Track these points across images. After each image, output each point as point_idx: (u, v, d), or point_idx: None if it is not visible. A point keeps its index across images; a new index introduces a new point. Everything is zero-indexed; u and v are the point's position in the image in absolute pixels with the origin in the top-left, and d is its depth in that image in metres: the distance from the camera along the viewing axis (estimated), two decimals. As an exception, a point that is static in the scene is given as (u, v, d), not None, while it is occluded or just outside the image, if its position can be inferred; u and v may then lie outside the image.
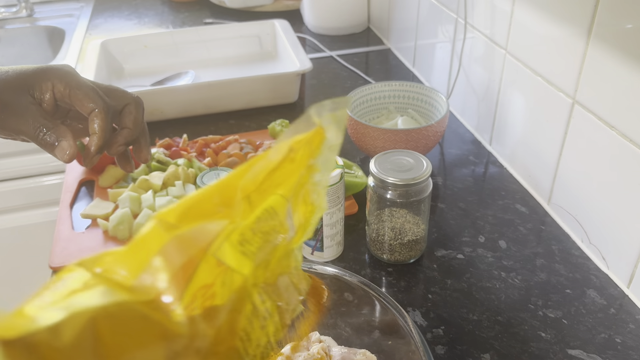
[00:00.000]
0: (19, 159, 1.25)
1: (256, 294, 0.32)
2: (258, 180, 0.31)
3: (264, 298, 0.33)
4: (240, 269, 0.30)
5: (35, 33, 1.52)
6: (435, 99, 0.89)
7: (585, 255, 0.70)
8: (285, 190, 0.32)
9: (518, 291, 0.65)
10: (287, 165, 0.32)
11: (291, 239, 0.34)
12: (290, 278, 0.36)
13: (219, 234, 0.29)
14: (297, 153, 0.32)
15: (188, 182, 0.82)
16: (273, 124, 0.96)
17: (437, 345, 0.59)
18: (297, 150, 0.32)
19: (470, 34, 0.93)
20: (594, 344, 0.59)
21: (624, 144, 0.61)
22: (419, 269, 0.69)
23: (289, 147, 0.32)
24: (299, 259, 0.37)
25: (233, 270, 0.30)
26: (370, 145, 0.82)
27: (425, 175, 0.64)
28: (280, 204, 0.32)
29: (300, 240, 0.35)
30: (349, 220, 0.77)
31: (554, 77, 0.73)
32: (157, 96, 0.99)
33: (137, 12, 1.58)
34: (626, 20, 0.59)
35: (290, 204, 0.33)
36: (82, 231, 0.76)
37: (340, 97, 0.36)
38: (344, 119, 0.34)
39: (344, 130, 0.35)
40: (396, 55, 1.29)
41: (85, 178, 0.87)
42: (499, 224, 0.76)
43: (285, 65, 1.14)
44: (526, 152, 0.82)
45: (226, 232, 0.29)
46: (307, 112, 0.32)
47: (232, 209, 0.30)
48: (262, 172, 0.31)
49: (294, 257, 0.36)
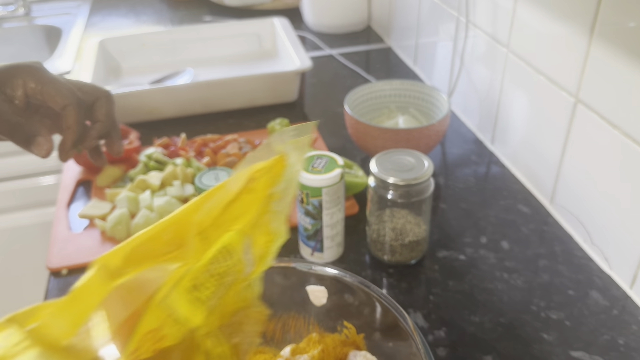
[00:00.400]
0: (15, 159, 1.24)
1: (209, 341, 0.31)
2: (214, 214, 0.30)
3: (219, 341, 0.32)
4: (192, 318, 0.29)
5: (32, 32, 1.51)
6: (437, 98, 0.88)
7: (588, 256, 0.70)
8: (244, 224, 0.31)
9: (520, 292, 0.65)
10: (246, 196, 0.31)
11: (250, 273, 0.33)
12: (248, 312, 0.35)
13: (167, 282, 0.27)
14: (258, 182, 0.31)
15: (186, 182, 0.81)
16: (272, 123, 0.95)
17: (439, 347, 0.59)
18: (258, 179, 0.31)
19: (471, 32, 0.92)
20: (597, 346, 0.58)
21: (627, 144, 0.61)
22: (420, 270, 0.68)
23: (248, 176, 0.31)
24: (256, 290, 0.35)
25: (184, 322, 0.28)
26: (370, 145, 0.81)
27: (427, 175, 0.63)
28: (237, 241, 0.31)
29: (259, 270, 0.34)
30: (350, 220, 0.76)
31: (556, 76, 0.72)
32: (155, 95, 0.99)
33: (135, 10, 1.57)
34: (629, 18, 0.58)
35: (249, 237, 0.32)
36: (79, 232, 0.75)
37: (304, 123, 0.36)
38: (307, 145, 0.33)
39: (306, 158, 0.34)
40: (397, 54, 1.29)
41: (83, 178, 0.86)
42: (501, 225, 0.75)
43: (285, 63, 1.14)
44: (528, 151, 0.81)
45: (175, 278, 0.28)
46: (268, 140, 0.31)
47: (185, 249, 0.29)
48: (219, 205, 0.30)
49: (252, 288, 0.35)
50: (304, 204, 0.65)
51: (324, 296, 0.50)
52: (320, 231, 0.66)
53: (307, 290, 0.50)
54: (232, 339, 0.33)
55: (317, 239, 0.67)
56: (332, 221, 0.66)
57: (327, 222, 0.66)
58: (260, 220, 0.32)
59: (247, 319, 0.34)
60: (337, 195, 0.65)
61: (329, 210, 0.65)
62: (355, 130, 0.82)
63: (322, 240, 0.67)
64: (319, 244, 0.68)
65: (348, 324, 0.49)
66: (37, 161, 1.25)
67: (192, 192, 0.79)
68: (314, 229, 0.66)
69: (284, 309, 0.52)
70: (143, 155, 0.86)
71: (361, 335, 0.48)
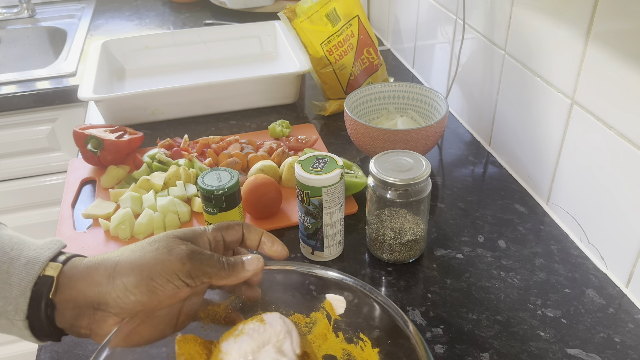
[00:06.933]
0: (20, 159, 1.25)
1: None
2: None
3: None
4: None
5: (36, 34, 1.53)
6: (435, 100, 0.89)
7: (584, 255, 0.70)
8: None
9: (517, 291, 0.66)
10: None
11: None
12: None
13: None
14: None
15: (189, 182, 0.82)
16: (273, 124, 0.96)
17: (437, 345, 0.59)
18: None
19: (469, 34, 0.93)
20: (593, 344, 0.59)
21: (623, 144, 0.62)
22: (419, 269, 0.69)
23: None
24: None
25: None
26: (370, 146, 0.82)
27: (425, 175, 0.64)
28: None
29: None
30: (349, 220, 0.77)
31: (553, 78, 0.73)
32: (158, 97, 1.00)
33: (138, 13, 1.58)
34: (625, 20, 0.59)
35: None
36: (83, 231, 0.76)
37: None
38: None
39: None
40: (396, 56, 1.29)
41: (87, 178, 0.87)
42: (498, 224, 0.76)
43: (286, 66, 1.15)
44: (525, 152, 0.82)
45: None
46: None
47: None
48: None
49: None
50: (305, 203, 0.66)
51: (342, 306, 0.50)
52: (320, 230, 0.67)
53: (327, 298, 0.50)
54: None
55: (317, 238, 0.68)
56: (331, 220, 0.67)
57: (327, 221, 0.67)
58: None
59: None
60: (337, 195, 0.66)
61: (329, 209, 0.66)
62: (355, 131, 0.83)
63: (322, 239, 0.68)
64: (319, 242, 0.69)
65: (364, 337, 0.49)
66: (41, 161, 1.26)
67: (195, 192, 0.80)
68: (314, 228, 0.67)
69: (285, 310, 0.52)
70: (146, 156, 0.87)
71: (376, 350, 0.48)
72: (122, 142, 0.87)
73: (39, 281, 0.43)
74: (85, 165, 0.89)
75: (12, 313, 0.42)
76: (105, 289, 0.42)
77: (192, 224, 0.77)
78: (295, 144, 0.92)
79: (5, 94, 1.15)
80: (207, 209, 0.67)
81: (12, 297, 0.42)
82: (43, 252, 0.44)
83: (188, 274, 0.43)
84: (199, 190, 0.66)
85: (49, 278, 0.43)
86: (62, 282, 0.43)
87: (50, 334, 0.44)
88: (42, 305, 0.42)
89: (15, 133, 1.21)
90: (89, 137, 0.86)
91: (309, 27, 0.97)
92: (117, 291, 0.42)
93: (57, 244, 0.46)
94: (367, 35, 1.04)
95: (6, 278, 0.42)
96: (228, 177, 0.66)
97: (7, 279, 0.42)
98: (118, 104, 0.98)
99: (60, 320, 0.44)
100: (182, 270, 0.43)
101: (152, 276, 0.42)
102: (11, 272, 0.42)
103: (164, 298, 0.43)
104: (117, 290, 0.42)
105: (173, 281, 0.43)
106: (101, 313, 0.43)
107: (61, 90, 1.17)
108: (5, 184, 1.27)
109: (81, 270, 0.44)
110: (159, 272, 0.43)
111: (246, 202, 0.75)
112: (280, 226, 0.76)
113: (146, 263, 0.43)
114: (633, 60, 0.58)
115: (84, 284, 0.43)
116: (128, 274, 0.43)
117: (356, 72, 1.02)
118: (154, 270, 0.43)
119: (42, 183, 1.29)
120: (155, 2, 1.67)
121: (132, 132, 0.92)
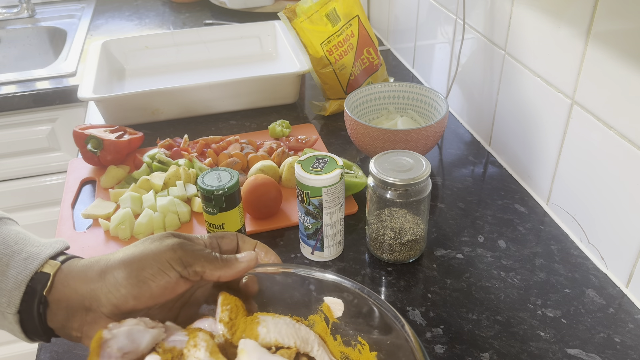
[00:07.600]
0: (20, 159, 1.25)
1: None
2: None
3: None
4: None
5: (36, 34, 1.53)
6: (435, 100, 0.89)
7: (584, 255, 0.70)
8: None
9: (517, 291, 0.66)
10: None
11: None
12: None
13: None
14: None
15: (189, 182, 0.82)
16: (273, 124, 0.96)
17: (437, 345, 0.59)
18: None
19: (469, 34, 0.93)
20: (593, 344, 0.59)
21: (623, 144, 0.62)
22: (419, 269, 0.69)
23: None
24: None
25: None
26: (370, 146, 0.82)
27: (425, 175, 0.64)
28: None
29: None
30: (349, 220, 0.77)
31: (553, 78, 0.73)
32: (158, 96, 1.00)
33: (138, 13, 1.58)
34: (625, 20, 0.59)
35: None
36: (83, 231, 0.76)
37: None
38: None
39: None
40: (396, 56, 1.30)
41: (87, 178, 0.87)
42: (498, 224, 0.76)
43: (286, 66, 1.15)
44: (525, 152, 0.82)
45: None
46: None
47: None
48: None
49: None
50: (305, 203, 0.66)
51: (340, 309, 0.50)
52: (320, 230, 0.67)
53: (325, 301, 0.50)
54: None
55: (317, 237, 0.68)
56: (331, 220, 0.67)
57: (327, 221, 0.67)
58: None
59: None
60: (337, 195, 0.66)
61: (329, 209, 0.66)
62: (355, 131, 0.83)
63: (322, 239, 0.68)
64: (319, 242, 0.69)
65: (362, 340, 0.49)
66: (41, 161, 1.26)
67: (195, 192, 0.80)
68: (314, 228, 0.67)
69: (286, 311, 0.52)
70: (146, 156, 0.87)
71: (374, 354, 0.48)
72: (122, 142, 0.87)
73: (35, 277, 0.43)
74: (85, 165, 0.89)
75: (4, 305, 0.42)
76: (97, 285, 0.42)
77: (192, 224, 0.77)
78: (295, 144, 0.92)
79: (5, 94, 1.15)
80: (207, 209, 0.67)
81: (6, 290, 0.42)
82: (45, 250, 0.45)
83: (180, 261, 0.42)
84: (199, 190, 0.66)
85: (45, 275, 0.43)
86: (58, 280, 0.43)
87: (40, 333, 0.44)
88: (35, 302, 0.43)
89: (15, 133, 1.21)
90: (89, 137, 0.86)
91: (309, 27, 0.97)
92: (108, 286, 0.42)
93: (61, 244, 0.46)
94: (367, 35, 1.04)
95: (4, 270, 0.42)
96: (228, 177, 0.66)
97: (5, 271, 0.42)
98: (118, 104, 0.98)
99: (52, 319, 0.43)
100: (173, 258, 0.42)
101: (143, 266, 0.42)
102: (10, 265, 0.43)
103: (157, 290, 0.42)
104: (108, 284, 0.42)
105: (165, 270, 0.42)
106: (92, 314, 0.43)
107: (61, 90, 1.18)
108: (5, 184, 1.27)
109: (77, 269, 0.44)
110: (150, 262, 0.42)
111: (246, 202, 0.75)
112: (280, 226, 0.76)
113: (137, 255, 0.43)
114: (633, 60, 0.58)
115: (77, 281, 0.43)
116: (119, 267, 0.42)
117: (356, 72, 1.02)
118: (145, 260, 0.42)
119: (42, 183, 1.29)
120: (155, 2, 1.67)
121: (132, 132, 0.92)
